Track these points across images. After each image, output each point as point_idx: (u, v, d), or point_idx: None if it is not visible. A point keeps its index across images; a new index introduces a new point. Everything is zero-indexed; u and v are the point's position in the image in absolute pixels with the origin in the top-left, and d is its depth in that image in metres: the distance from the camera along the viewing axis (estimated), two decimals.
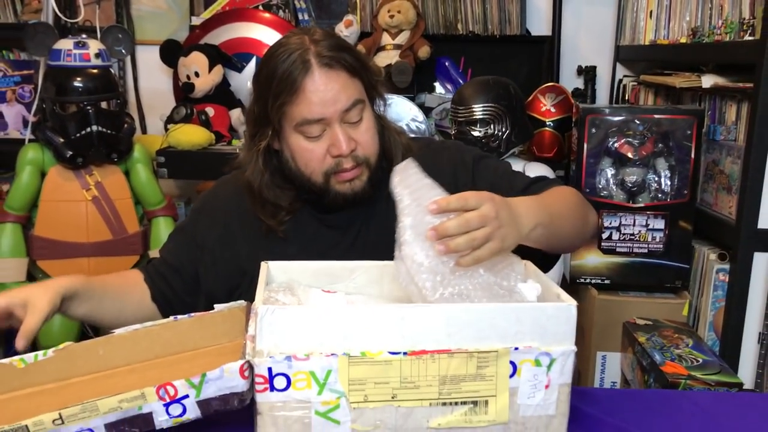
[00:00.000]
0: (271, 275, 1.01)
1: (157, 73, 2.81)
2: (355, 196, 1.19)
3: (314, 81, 1.11)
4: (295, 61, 1.11)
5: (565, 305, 0.89)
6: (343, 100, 1.13)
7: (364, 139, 1.17)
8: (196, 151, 2.38)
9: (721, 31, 1.89)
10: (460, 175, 1.27)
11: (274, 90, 1.12)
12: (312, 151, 1.15)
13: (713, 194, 1.87)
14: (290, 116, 1.13)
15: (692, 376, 1.55)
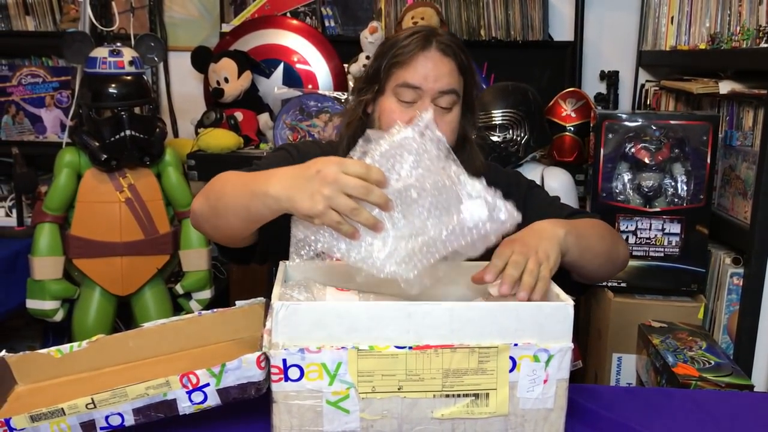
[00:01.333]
0: (288, 274, 1.08)
1: (188, 79, 2.90)
2: None
3: (427, 56, 1.25)
4: (418, 38, 1.26)
5: (562, 304, 0.94)
6: (443, 82, 1.25)
7: (444, 128, 1.25)
8: (225, 155, 2.44)
9: (739, 37, 1.91)
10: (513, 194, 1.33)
11: (393, 53, 1.26)
12: (398, 113, 1.26)
13: (730, 199, 1.89)
14: (395, 76, 1.26)
15: (703, 377, 1.57)
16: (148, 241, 2.23)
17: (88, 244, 2.19)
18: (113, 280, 2.22)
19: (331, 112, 2.46)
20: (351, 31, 2.81)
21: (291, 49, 2.70)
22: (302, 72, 2.70)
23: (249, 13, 2.82)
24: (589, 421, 1.03)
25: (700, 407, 1.10)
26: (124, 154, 2.15)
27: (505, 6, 2.71)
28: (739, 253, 1.85)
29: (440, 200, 0.95)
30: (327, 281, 1.08)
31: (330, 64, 2.71)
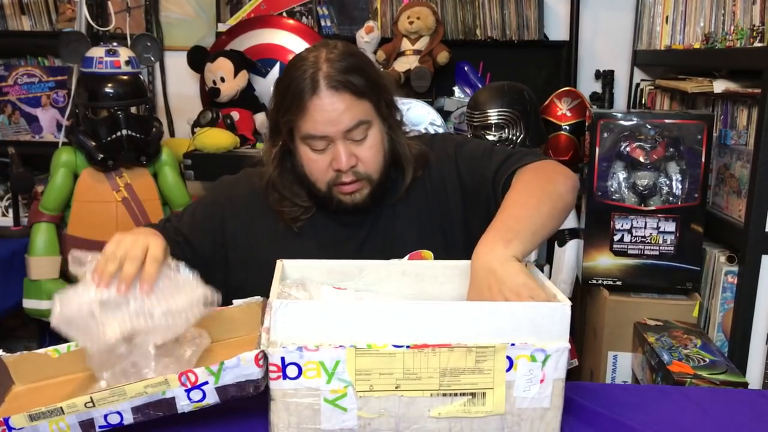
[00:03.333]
0: (285, 272, 1.08)
1: (185, 78, 2.88)
2: (356, 206, 1.28)
3: (320, 101, 1.19)
4: (305, 80, 1.19)
5: (559, 305, 0.95)
6: (345, 121, 1.21)
7: (366, 156, 1.25)
8: (221, 154, 2.44)
9: (733, 37, 1.93)
10: (445, 165, 1.35)
11: (286, 104, 1.22)
12: (316, 161, 1.25)
13: (724, 197, 1.90)
14: (297, 129, 1.23)
15: (698, 375, 1.59)
16: None
17: (84, 243, 2.18)
18: None
19: None
20: (347, 31, 2.81)
21: (287, 48, 2.70)
22: None
23: (245, 12, 2.82)
24: (586, 419, 1.03)
25: (695, 404, 1.11)
26: (121, 153, 2.15)
27: (501, 6, 2.72)
28: (733, 251, 1.86)
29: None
30: (324, 280, 1.09)
31: None
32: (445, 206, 1.34)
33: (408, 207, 1.34)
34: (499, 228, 1.09)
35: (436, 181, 1.35)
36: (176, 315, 0.97)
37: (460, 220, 1.33)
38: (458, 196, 1.33)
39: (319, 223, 1.32)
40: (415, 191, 1.34)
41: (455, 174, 1.34)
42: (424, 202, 1.35)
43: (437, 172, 1.35)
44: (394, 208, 1.34)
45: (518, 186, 1.21)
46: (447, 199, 1.34)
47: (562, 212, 1.20)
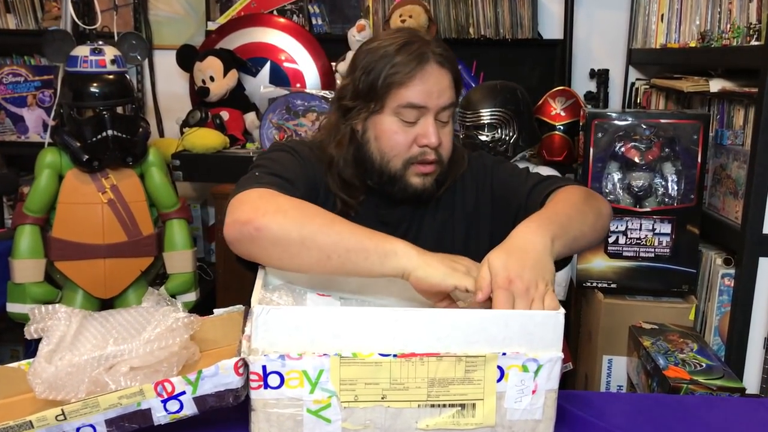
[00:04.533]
0: (268, 278, 1.05)
1: (174, 77, 2.86)
2: (423, 191, 1.26)
3: (428, 72, 1.20)
4: (414, 50, 1.19)
5: (553, 313, 0.91)
6: (445, 97, 1.22)
7: (446, 141, 1.25)
8: (210, 155, 2.42)
9: (729, 35, 1.89)
10: (480, 178, 1.36)
11: (389, 69, 1.19)
12: (402, 135, 1.21)
13: (721, 199, 1.87)
14: (396, 97, 1.20)
15: (695, 380, 1.55)
16: (131, 243, 2.19)
17: (69, 246, 2.15)
18: (96, 283, 2.18)
19: (318, 111, 2.43)
20: (338, 29, 2.78)
21: (278, 47, 2.68)
22: (289, 71, 2.68)
23: (235, 11, 2.79)
24: (579, 429, 1.00)
25: (691, 413, 1.07)
26: (107, 154, 2.10)
27: (495, 4, 2.69)
28: (729, 253, 1.83)
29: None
30: (308, 286, 1.05)
31: (317, 63, 2.68)
32: (473, 215, 1.34)
33: (441, 210, 1.34)
34: (546, 219, 1.08)
35: (470, 191, 1.35)
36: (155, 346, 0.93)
37: (486, 232, 1.33)
38: (488, 207, 1.34)
39: (364, 218, 1.26)
40: (448, 196, 1.34)
41: (489, 185, 1.35)
42: (452, 211, 1.35)
43: (472, 183, 1.35)
44: (434, 212, 1.34)
45: (564, 194, 1.21)
46: (477, 208, 1.34)
47: (602, 231, 1.21)
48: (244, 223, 1.02)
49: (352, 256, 0.98)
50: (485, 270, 0.96)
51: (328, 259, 0.99)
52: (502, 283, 0.95)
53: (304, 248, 0.99)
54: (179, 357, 0.95)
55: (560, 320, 0.91)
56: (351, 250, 0.98)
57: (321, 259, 0.99)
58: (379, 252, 0.98)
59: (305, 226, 1.01)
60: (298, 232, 1.00)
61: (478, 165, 1.37)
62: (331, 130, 1.29)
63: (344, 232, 1.01)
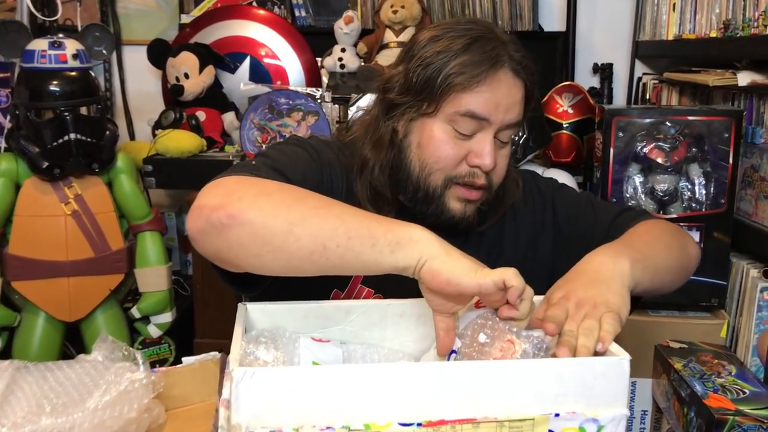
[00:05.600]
0: (249, 320, 0.84)
1: (145, 75, 2.66)
2: (462, 220, 1.05)
3: (500, 79, 1.00)
4: (488, 49, 0.99)
5: (616, 359, 0.73)
6: (513, 113, 1.02)
7: (501, 164, 1.06)
8: (186, 159, 2.23)
9: (759, 23, 1.72)
10: (538, 207, 1.16)
11: (452, 67, 0.98)
12: (452, 147, 1.01)
13: (752, 203, 1.69)
14: (455, 102, 1.00)
15: (740, 411, 1.37)
16: (98, 259, 1.97)
17: (29, 264, 1.93)
18: (59, 305, 1.96)
19: (304, 110, 2.23)
20: (324, 22, 2.59)
21: (258, 41, 2.49)
22: (271, 67, 2.49)
23: (211, 2, 2.60)
24: None
25: None
26: (69, 160, 1.89)
27: None
28: (764, 263, 1.66)
29: None
30: (301, 327, 0.85)
31: (301, 58, 2.50)
32: (531, 248, 1.14)
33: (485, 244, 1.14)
34: (622, 244, 0.91)
35: (523, 220, 1.15)
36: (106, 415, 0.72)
37: (546, 267, 1.13)
38: (550, 240, 1.14)
39: None
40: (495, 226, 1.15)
41: (550, 216, 1.15)
42: (500, 241, 1.15)
43: (524, 209, 1.15)
44: (480, 237, 1.13)
45: (646, 226, 1.04)
46: (536, 240, 1.14)
47: (686, 272, 1.05)
48: (214, 209, 0.81)
49: (354, 244, 0.78)
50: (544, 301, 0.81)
51: (324, 249, 0.78)
52: (554, 301, 0.81)
53: (291, 237, 0.79)
54: (138, 425, 0.74)
55: (625, 368, 0.73)
56: (354, 237, 0.78)
57: (315, 251, 0.79)
58: (390, 238, 0.78)
59: (294, 208, 0.81)
60: (285, 217, 0.80)
61: (531, 190, 1.17)
62: (369, 127, 1.08)
63: (345, 215, 0.81)
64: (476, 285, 0.75)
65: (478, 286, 0.75)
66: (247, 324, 0.84)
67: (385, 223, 0.80)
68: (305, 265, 0.80)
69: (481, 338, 0.75)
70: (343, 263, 0.79)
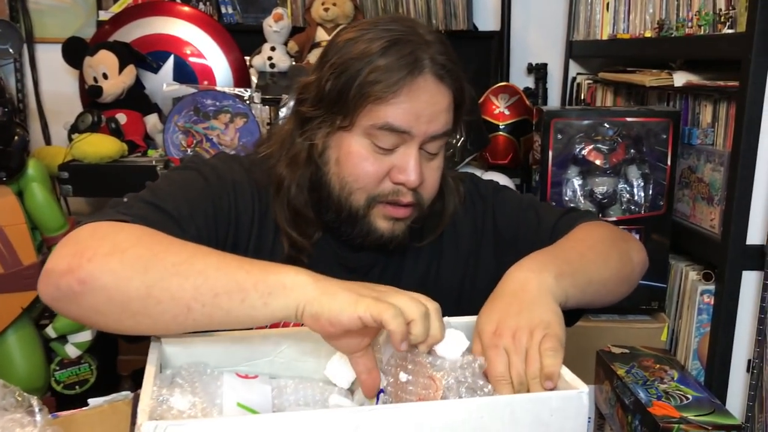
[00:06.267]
0: (165, 357, 0.74)
1: (61, 75, 2.50)
2: (392, 240, 0.96)
3: (420, 87, 0.89)
4: (407, 53, 0.89)
5: (574, 393, 0.67)
6: (438, 123, 0.92)
7: (431, 178, 0.96)
8: (105, 164, 2.09)
9: (693, 24, 1.71)
10: (478, 213, 1.08)
11: (367, 76, 0.88)
12: (373, 164, 0.92)
13: (690, 204, 1.69)
14: (371, 114, 0.90)
15: (684, 418, 1.35)
16: (9, 275, 1.83)
17: None
18: None
19: (232, 111, 2.12)
20: (252, 19, 2.49)
21: (182, 39, 2.36)
22: (196, 66, 2.36)
23: None
24: None
25: None
26: None
27: None
28: (703, 264, 1.65)
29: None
30: (224, 362, 0.76)
31: (229, 57, 2.38)
32: (473, 256, 1.06)
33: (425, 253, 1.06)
34: (554, 255, 0.84)
35: (465, 226, 1.07)
36: None
37: (489, 274, 1.04)
38: (491, 247, 1.06)
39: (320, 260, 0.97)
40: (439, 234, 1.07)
41: (491, 221, 1.07)
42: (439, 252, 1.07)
43: (465, 217, 1.07)
44: (418, 251, 1.04)
45: (583, 231, 0.96)
46: (478, 248, 1.06)
47: (628, 282, 0.99)
48: (62, 275, 0.73)
49: (222, 302, 0.70)
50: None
51: (188, 311, 0.71)
52: (488, 340, 0.74)
53: (151, 301, 0.71)
54: None
55: (584, 402, 0.67)
56: (221, 293, 0.70)
57: (179, 314, 0.71)
58: (261, 289, 0.70)
59: (151, 267, 0.72)
60: (141, 279, 0.71)
61: (471, 195, 1.09)
62: (284, 142, 0.97)
63: (209, 269, 0.72)
64: (357, 319, 0.67)
65: (360, 319, 0.67)
66: (163, 360, 0.74)
67: (255, 272, 0.71)
68: (172, 327, 0.72)
69: (402, 377, 0.68)
70: (212, 322, 0.71)
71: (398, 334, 0.66)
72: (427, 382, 0.66)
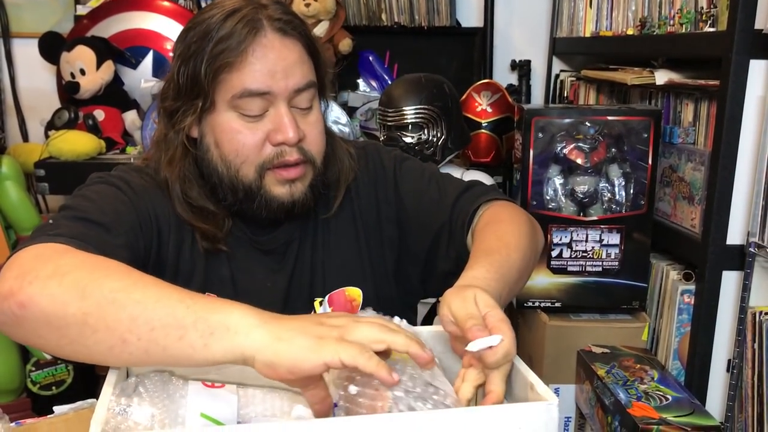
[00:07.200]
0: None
1: (38, 71, 2.46)
2: (294, 203, 0.96)
3: (264, 45, 0.91)
4: (241, 19, 0.90)
5: (543, 405, 0.65)
6: (296, 76, 0.93)
7: (312, 132, 0.97)
8: (82, 162, 2.06)
9: (675, 22, 1.70)
10: (380, 183, 1.08)
11: (212, 51, 0.90)
12: (248, 134, 0.93)
13: (671, 203, 1.68)
14: (227, 86, 0.91)
15: (664, 419, 1.34)
16: None
17: None
18: None
19: None
20: None
21: (161, 35, 2.33)
22: None
23: None
24: None
25: None
26: None
27: None
28: (683, 263, 1.64)
29: None
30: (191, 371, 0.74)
31: None
32: (376, 229, 1.06)
33: (336, 226, 1.06)
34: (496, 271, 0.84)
35: (367, 198, 1.07)
36: None
37: (392, 248, 1.06)
38: (393, 219, 1.06)
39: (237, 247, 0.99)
40: (344, 202, 1.07)
41: (393, 193, 1.07)
42: (352, 222, 1.07)
43: (368, 186, 1.07)
44: (329, 224, 1.04)
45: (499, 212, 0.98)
46: (379, 221, 1.06)
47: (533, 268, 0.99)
48: (4, 297, 0.72)
49: (158, 336, 0.67)
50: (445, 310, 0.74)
51: (123, 343, 0.68)
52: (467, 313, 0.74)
53: (87, 329, 0.69)
54: None
55: (554, 415, 0.65)
56: (157, 328, 0.67)
57: (114, 345, 0.68)
58: (201, 328, 0.66)
59: (88, 293, 0.70)
60: (78, 305, 0.69)
61: (374, 165, 1.09)
62: (160, 144, 0.98)
63: (147, 300, 0.69)
64: (323, 365, 0.64)
65: (326, 365, 0.64)
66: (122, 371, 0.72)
67: (197, 309, 0.68)
68: (109, 359, 0.70)
69: (352, 390, 0.66)
70: (149, 358, 0.68)
71: (382, 371, 0.64)
72: (374, 394, 0.64)
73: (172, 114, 0.96)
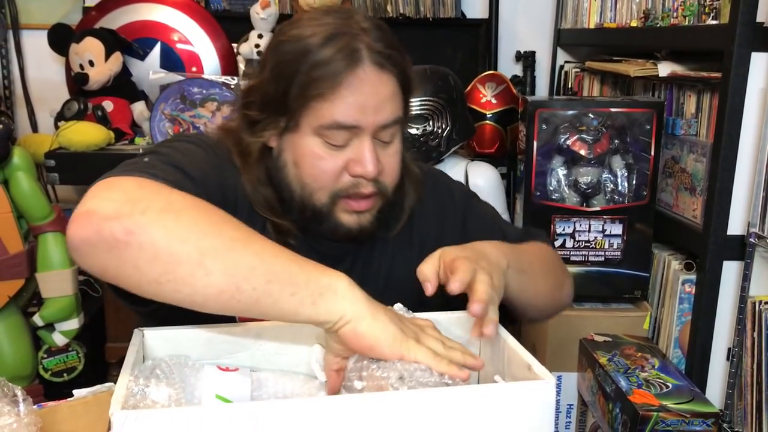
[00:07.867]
0: (147, 348, 0.75)
1: (48, 62, 2.48)
2: (360, 232, 0.96)
3: (360, 78, 0.87)
4: (341, 48, 0.87)
5: (540, 383, 0.67)
6: (386, 112, 0.90)
7: (390, 165, 0.95)
8: (92, 153, 2.09)
9: (678, 14, 1.71)
10: (449, 212, 1.10)
11: (305, 76, 0.87)
12: (329, 161, 0.91)
13: (673, 194, 1.70)
14: (317, 113, 0.89)
15: (663, 406, 1.37)
16: None
17: None
18: None
19: (219, 100, 2.12)
20: (239, 6, 2.47)
21: (169, 26, 2.35)
22: (183, 53, 2.35)
23: None
24: None
25: None
26: None
27: None
28: (685, 253, 1.66)
29: None
30: (206, 354, 0.77)
31: (216, 44, 2.37)
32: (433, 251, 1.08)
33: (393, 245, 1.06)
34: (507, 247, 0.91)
35: (430, 221, 1.07)
36: None
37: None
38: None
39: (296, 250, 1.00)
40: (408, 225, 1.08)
41: (460, 228, 1.08)
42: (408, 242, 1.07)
43: (434, 210, 1.08)
44: (387, 243, 1.05)
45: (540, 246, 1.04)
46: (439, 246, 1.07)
47: (555, 304, 1.06)
48: (106, 219, 0.68)
49: (273, 290, 0.68)
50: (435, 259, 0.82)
51: (236, 290, 0.68)
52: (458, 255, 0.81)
53: (201, 270, 0.67)
54: None
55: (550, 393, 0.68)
56: (274, 281, 0.68)
57: (225, 290, 0.68)
58: (312, 288, 0.69)
59: (208, 235, 0.69)
60: (196, 245, 0.68)
61: (440, 190, 1.10)
62: (233, 137, 0.97)
63: (265, 253, 0.70)
64: (399, 357, 0.70)
65: (401, 358, 0.70)
66: (145, 351, 0.75)
67: (308, 269, 0.71)
68: (210, 303, 0.69)
69: (357, 385, 0.69)
70: (255, 308, 0.69)
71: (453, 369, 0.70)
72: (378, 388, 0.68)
73: (253, 123, 0.94)
